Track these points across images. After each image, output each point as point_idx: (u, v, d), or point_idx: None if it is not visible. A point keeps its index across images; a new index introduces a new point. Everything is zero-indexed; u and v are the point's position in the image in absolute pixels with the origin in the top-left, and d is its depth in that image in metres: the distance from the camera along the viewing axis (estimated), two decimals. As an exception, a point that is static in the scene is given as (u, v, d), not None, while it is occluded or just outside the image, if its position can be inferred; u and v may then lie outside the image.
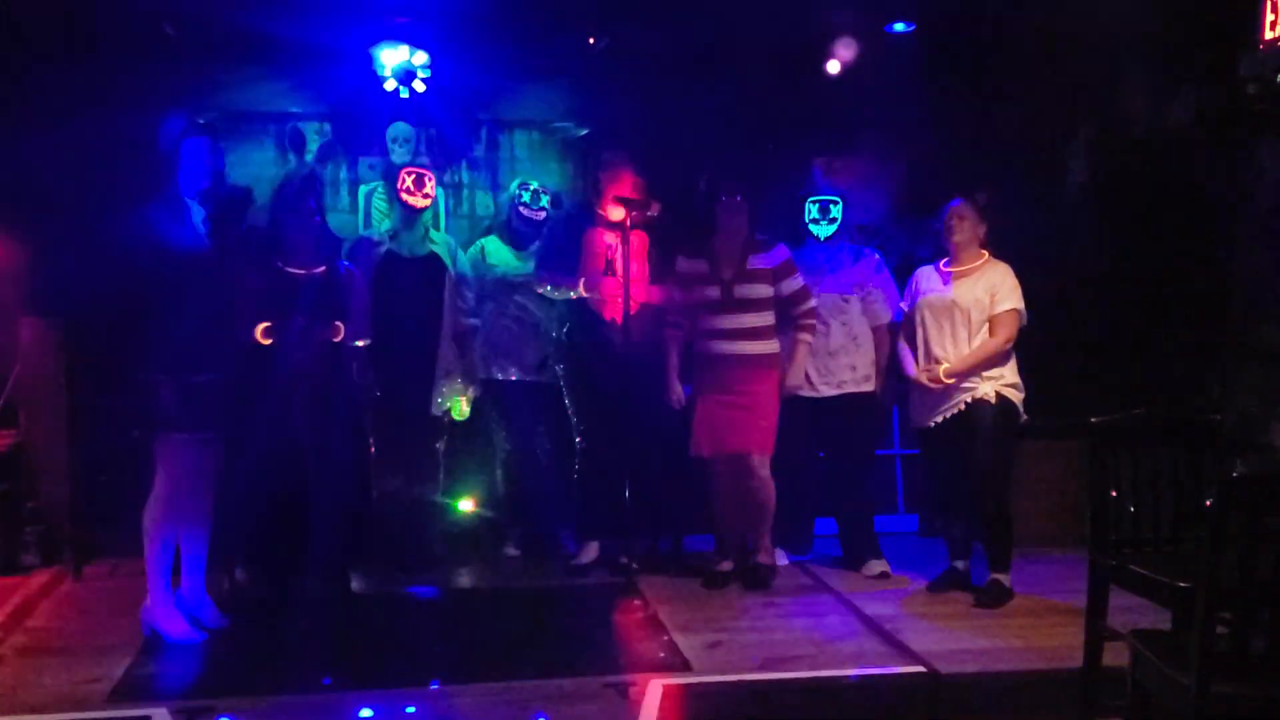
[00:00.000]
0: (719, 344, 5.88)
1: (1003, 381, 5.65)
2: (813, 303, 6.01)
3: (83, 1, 6.09)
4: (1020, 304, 5.65)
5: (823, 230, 6.35)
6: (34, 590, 5.82)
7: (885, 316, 6.31)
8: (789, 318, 6.00)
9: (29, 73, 6.23)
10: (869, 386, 6.29)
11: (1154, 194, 6.54)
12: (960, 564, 5.87)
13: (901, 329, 6.03)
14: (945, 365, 5.67)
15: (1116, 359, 6.58)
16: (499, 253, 6.59)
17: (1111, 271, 6.73)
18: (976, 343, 5.65)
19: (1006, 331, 5.64)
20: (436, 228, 6.80)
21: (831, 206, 6.36)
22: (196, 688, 4.57)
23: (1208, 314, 6.21)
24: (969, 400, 5.64)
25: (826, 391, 6.20)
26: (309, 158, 7.00)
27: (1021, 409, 5.69)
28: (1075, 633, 4.40)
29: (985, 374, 5.63)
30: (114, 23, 6.24)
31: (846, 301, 6.25)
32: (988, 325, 5.67)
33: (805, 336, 5.99)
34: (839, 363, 6.23)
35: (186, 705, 4.38)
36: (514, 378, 6.52)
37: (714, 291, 5.89)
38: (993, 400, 5.61)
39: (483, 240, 6.74)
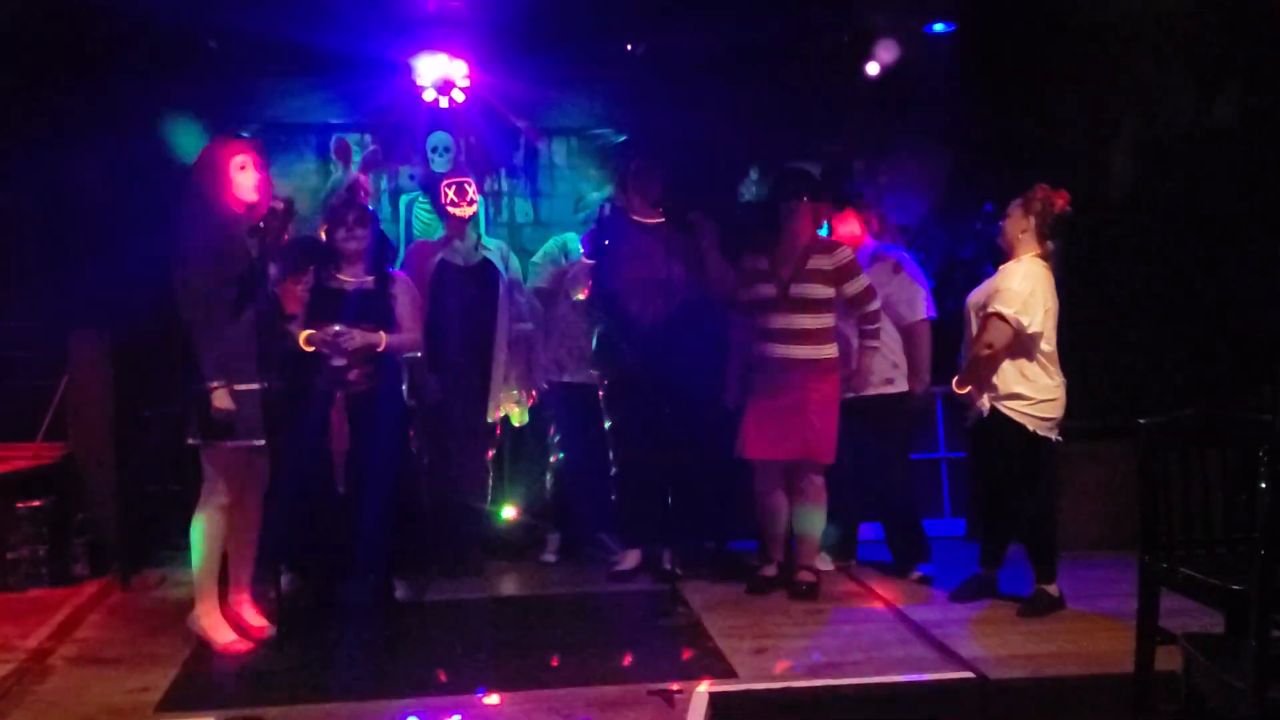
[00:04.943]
0: (773, 346, 5.83)
1: (997, 394, 5.46)
2: (876, 304, 5.92)
3: (127, 17, 6.14)
4: (1008, 307, 5.34)
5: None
6: (83, 601, 5.86)
7: (912, 316, 6.20)
8: (855, 321, 5.95)
9: (74, 86, 6.30)
10: (893, 389, 6.19)
11: (1200, 192, 6.46)
12: (988, 572, 5.79)
13: None
14: (955, 378, 5.62)
15: (1166, 359, 6.50)
16: (580, 251, 6.58)
17: (1159, 271, 6.66)
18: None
19: (986, 336, 5.39)
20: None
21: None
22: (244, 697, 4.58)
23: (1257, 313, 6.13)
24: (979, 413, 5.55)
25: (843, 394, 6.04)
26: (354, 168, 7.04)
27: (1038, 430, 5.44)
28: (1126, 637, 4.35)
29: (987, 385, 5.48)
30: (158, 37, 6.29)
31: None
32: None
33: (872, 343, 5.91)
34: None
35: (234, 715, 4.41)
36: (586, 380, 6.47)
37: (770, 289, 5.86)
38: (987, 413, 5.49)
39: (564, 236, 6.75)
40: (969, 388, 5.54)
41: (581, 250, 6.53)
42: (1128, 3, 6.43)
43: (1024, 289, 5.39)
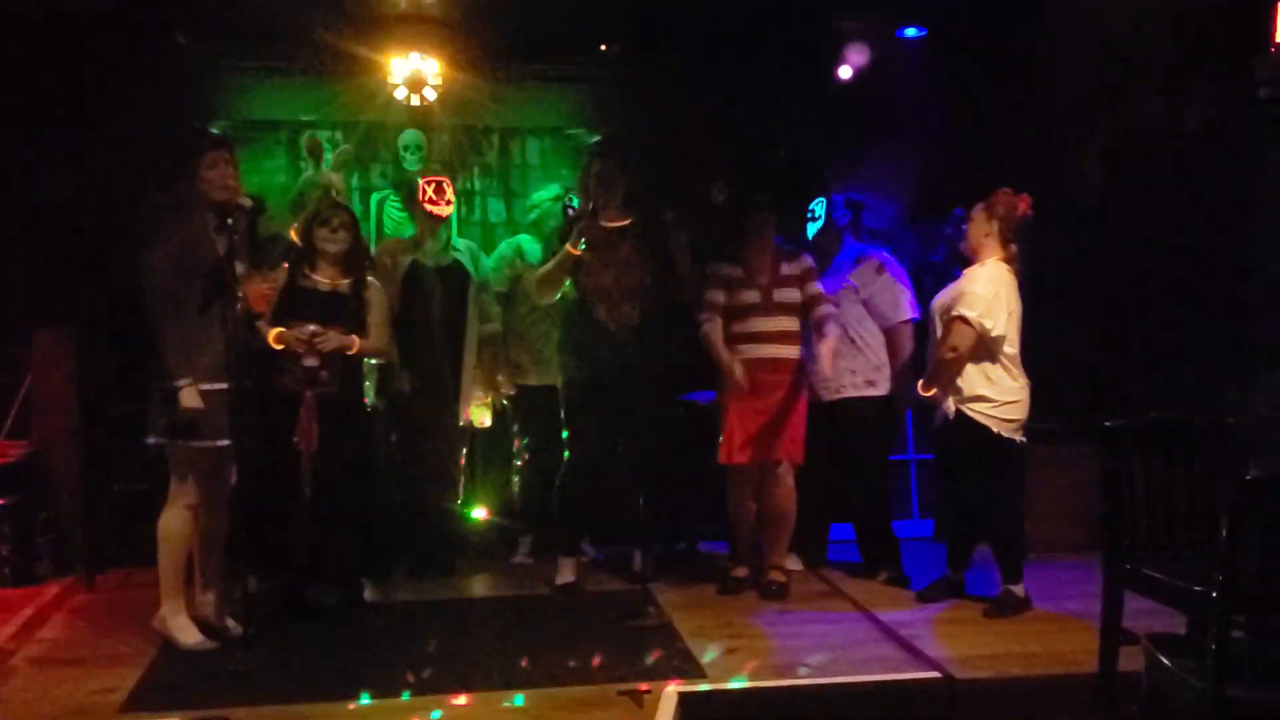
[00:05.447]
0: (756, 348, 5.86)
1: (961, 396, 5.49)
2: (829, 307, 5.97)
3: (94, 10, 6.10)
4: (972, 311, 5.37)
5: (809, 229, 6.37)
6: (47, 601, 5.82)
7: (894, 317, 6.23)
8: (808, 322, 5.98)
9: (40, 82, 6.25)
10: (874, 391, 6.21)
11: (1168, 199, 6.51)
12: (955, 573, 5.82)
13: None
14: (921, 379, 5.67)
15: (1132, 363, 6.55)
16: (536, 253, 6.52)
17: (1126, 276, 6.70)
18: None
19: (950, 340, 5.43)
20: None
21: (815, 206, 6.39)
22: (210, 698, 4.54)
23: (1223, 317, 6.18)
24: (944, 415, 5.58)
25: (826, 397, 6.12)
26: (325, 166, 7.01)
27: (1003, 432, 5.46)
28: (1090, 637, 4.38)
29: (952, 388, 5.52)
30: (126, 31, 6.25)
31: (836, 305, 6.12)
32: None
33: (830, 327, 5.89)
34: (837, 367, 6.08)
35: (199, 716, 4.38)
36: (551, 383, 6.38)
37: (753, 296, 5.90)
38: (952, 416, 5.52)
39: (518, 239, 6.70)
40: (934, 390, 5.58)
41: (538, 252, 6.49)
42: (1097, 11, 6.47)
43: (988, 293, 5.42)
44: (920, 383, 5.66)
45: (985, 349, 5.43)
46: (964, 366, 5.46)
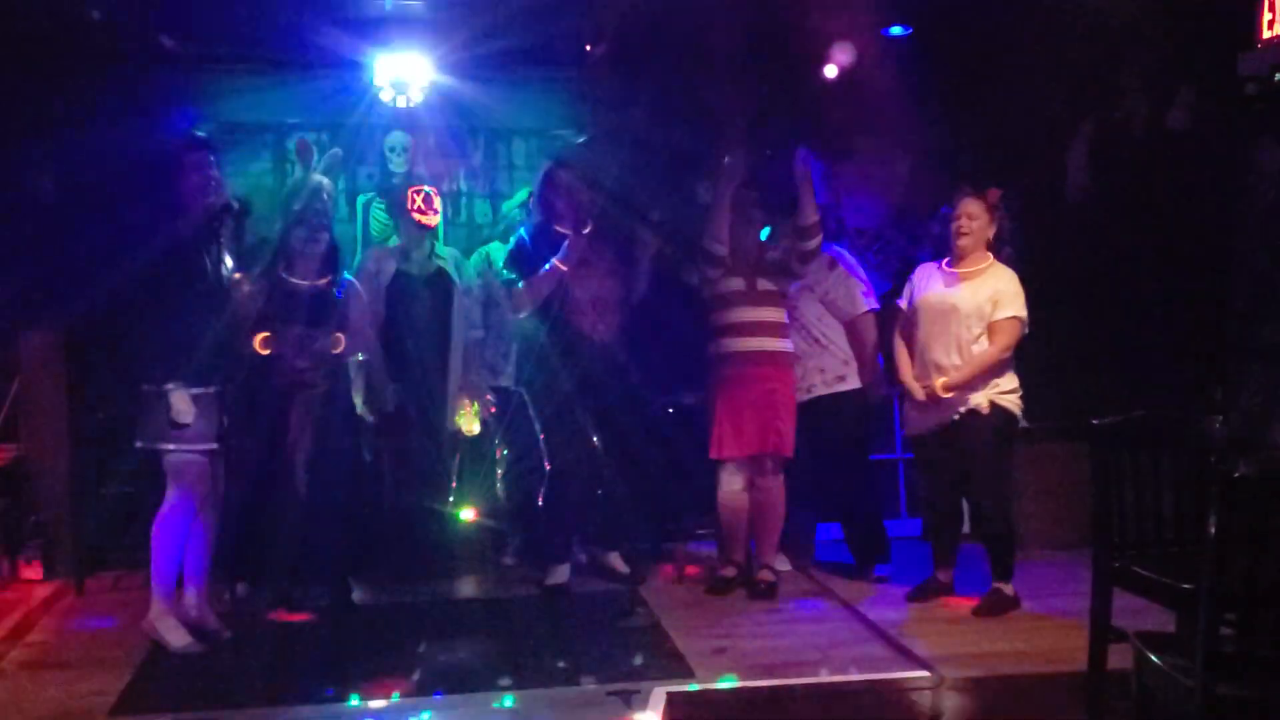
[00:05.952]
0: (741, 340, 5.86)
1: (998, 390, 5.52)
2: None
3: (80, 13, 6.08)
4: (1023, 312, 5.49)
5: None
6: (36, 604, 5.80)
7: (854, 310, 6.21)
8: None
9: (27, 84, 6.22)
10: (845, 386, 6.19)
11: (1153, 194, 6.53)
12: (943, 573, 5.82)
13: (899, 329, 5.86)
14: (942, 380, 5.54)
15: (1118, 361, 6.56)
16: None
17: (1112, 273, 6.71)
18: (976, 350, 5.51)
19: (1005, 339, 5.49)
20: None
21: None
22: (199, 700, 4.55)
23: (1209, 314, 6.20)
24: (963, 410, 5.53)
25: (799, 398, 6.07)
26: (315, 168, 6.98)
27: (1020, 415, 5.57)
28: (1079, 635, 4.38)
29: (987, 385, 5.52)
30: (111, 34, 6.23)
31: (794, 306, 6.15)
32: (986, 332, 5.53)
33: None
34: (806, 367, 6.14)
35: (189, 718, 4.39)
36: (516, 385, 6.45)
37: (738, 283, 5.89)
38: (986, 410, 5.50)
39: (487, 248, 6.69)
40: (952, 392, 5.53)
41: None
42: (1083, 8, 6.48)
43: (1020, 289, 5.54)
44: (941, 383, 5.52)
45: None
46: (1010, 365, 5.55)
